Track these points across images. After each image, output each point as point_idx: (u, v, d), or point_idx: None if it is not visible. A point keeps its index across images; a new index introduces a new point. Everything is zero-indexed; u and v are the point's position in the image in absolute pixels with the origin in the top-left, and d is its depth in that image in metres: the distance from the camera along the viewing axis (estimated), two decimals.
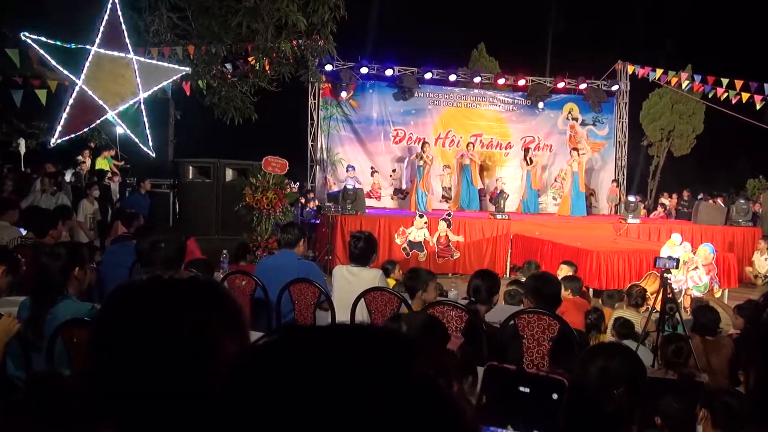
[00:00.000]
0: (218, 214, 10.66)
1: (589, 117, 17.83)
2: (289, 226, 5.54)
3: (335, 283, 5.08)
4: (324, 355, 0.63)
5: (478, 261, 12.35)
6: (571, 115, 17.74)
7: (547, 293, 3.98)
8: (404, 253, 12.24)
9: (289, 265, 5.11)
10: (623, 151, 18.11)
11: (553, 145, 17.58)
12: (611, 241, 12.01)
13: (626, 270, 10.07)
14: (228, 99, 12.63)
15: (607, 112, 17.90)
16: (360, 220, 12.20)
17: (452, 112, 17.02)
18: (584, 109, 17.72)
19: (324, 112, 16.03)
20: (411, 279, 4.67)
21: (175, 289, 1.04)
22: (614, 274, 9.98)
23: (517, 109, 17.42)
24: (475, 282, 4.29)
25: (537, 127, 17.50)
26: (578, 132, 17.76)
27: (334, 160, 16.13)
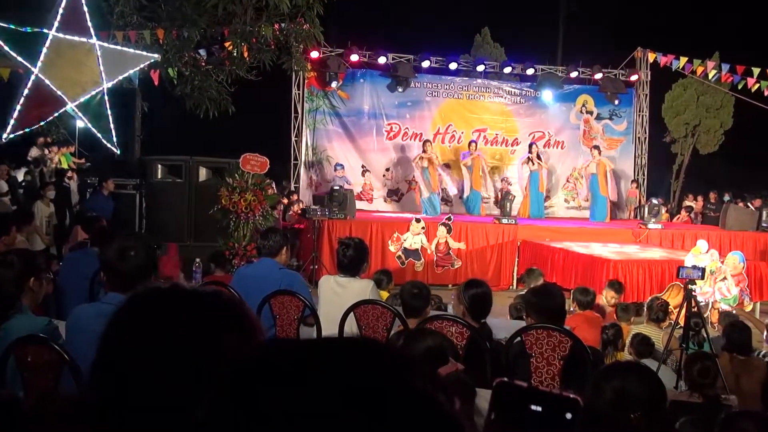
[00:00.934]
0: (190, 219, 10.64)
1: (606, 110, 17.92)
2: (270, 232, 5.54)
3: (321, 295, 5.09)
4: (315, 376, 0.65)
5: (481, 270, 12.38)
6: (585, 109, 17.83)
7: (549, 309, 4.01)
8: (399, 262, 12.26)
9: (270, 276, 5.11)
10: (643, 149, 18.20)
11: (564, 141, 17.66)
12: (630, 249, 12.05)
13: (646, 281, 10.12)
14: (202, 89, 12.62)
15: (625, 104, 17.99)
16: (349, 224, 12.22)
17: (453, 104, 17.08)
18: (600, 101, 17.80)
19: (309, 105, 16.06)
20: (415, 297, 4.66)
21: (207, 306, 1.09)
22: (633, 286, 10.02)
23: (525, 102, 17.49)
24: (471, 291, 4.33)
25: (547, 121, 17.57)
26: (593, 127, 17.84)
27: (320, 158, 16.15)
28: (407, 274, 12.05)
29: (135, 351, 1.03)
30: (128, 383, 1.02)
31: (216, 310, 1.09)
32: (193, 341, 1.04)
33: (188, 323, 1.06)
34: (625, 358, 5.64)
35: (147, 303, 1.10)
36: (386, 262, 12.03)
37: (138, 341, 1.04)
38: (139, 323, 1.07)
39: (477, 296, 4.29)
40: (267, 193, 10.46)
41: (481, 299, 4.29)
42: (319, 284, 5.20)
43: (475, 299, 4.28)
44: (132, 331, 1.06)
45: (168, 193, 10.81)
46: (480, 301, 4.28)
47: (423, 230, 12.44)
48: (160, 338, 1.04)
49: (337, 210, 12.34)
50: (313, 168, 16.17)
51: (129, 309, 1.11)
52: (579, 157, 17.66)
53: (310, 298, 5.03)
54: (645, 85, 18.08)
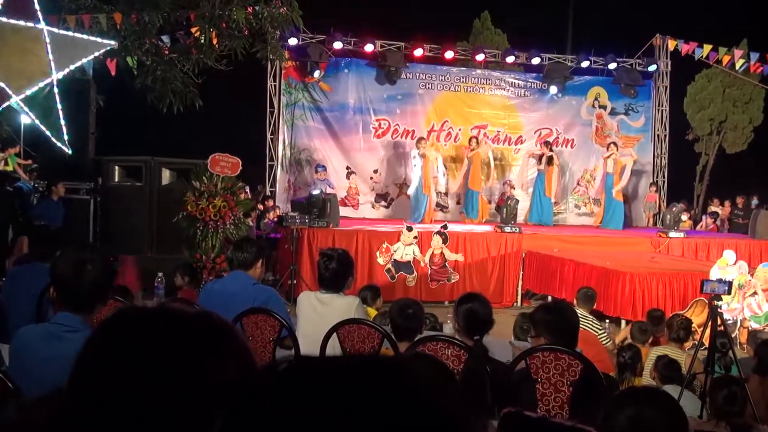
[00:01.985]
0: (152, 227, 10.61)
1: (621, 104, 18.06)
2: (243, 243, 5.54)
3: (301, 313, 5.09)
4: (327, 397, 0.69)
5: (482, 285, 12.41)
6: (597, 103, 17.96)
7: (567, 328, 4.03)
8: (388, 276, 12.29)
9: (243, 292, 5.11)
10: (663, 148, 18.34)
11: (575, 139, 17.79)
12: (648, 260, 12.13)
13: (667, 296, 10.18)
14: (165, 81, 12.59)
15: (642, 98, 18.14)
16: (332, 234, 12.24)
17: (449, 98, 17.16)
18: (614, 94, 17.94)
19: (287, 98, 16.09)
20: (407, 316, 4.68)
21: (198, 329, 1.11)
22: (652, 302, 10.07)
23: (530, 95, 17.60)
24: (465, 307, 4.35)
25: (555, 117, 17.69)
26: (607, 123, 17.98)
27: (299, 159, 16.17)
28: (398, 289, 12.08)
29: (119, 383, 1.06)
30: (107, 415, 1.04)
31: (210, 334, 1.12)
32: (186, 369, 1.06)
33: (182, 349, 1.08)
34: (644, 384, 5.67)
35: (133, 325, 1.12)
36: (374, 276, 12.05)
37: (124, 371, 1.07)
38: (126, 351, 1.09)
39: (472, 312, 4.31)
40: (239, 198, 10.44)
41: (477, 315, 4.31)
42: (297, 301, 5.20)
43: (471, 315, 4.30)
44: (117, 360, 1.08)
45: (126, 198, 10.79)
46: (475, 318, 4.30)
47: (416, 240, 12.48)
48: (146, 365, 1.06)
49: (318, 217, 12.34)
50: (291, 170, 16.20)
51: (114, 331, 1.12)
52: (591, 156, 17.78)
53: (288, 316, 5.03)
54: (665, 77, 18.23)
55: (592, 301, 8.01)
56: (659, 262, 12.12)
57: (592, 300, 8.06)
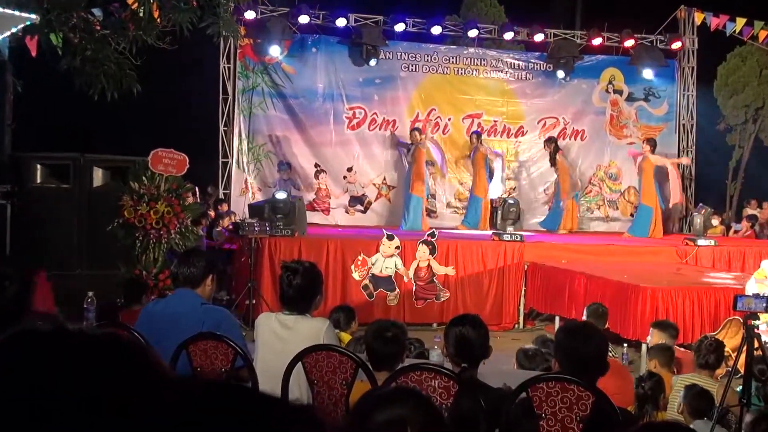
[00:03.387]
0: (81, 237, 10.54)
1: (640, 89, 18.16)
2: (191, 255, 5.52)
3: (260, 339, 5.07)
4: None
5: (477, 304, 12.43)
6: (612, 87, 18.06)
7: (589, 360, 4.03)
8: (365, 294, 12.27)
9: (189, 314, 5.09)
10: (689, 139, 18.44)
11: (585, 130, 17.86)
12: (673, 273, 12.19)
13: (695, 315, 10.22)
14: (96, 62, 12.52)
15: (665, 81, 18.25)
16: (298, 244, 12.22)
17: (436, 81, 17.19)
18: (632, 77, 18.05)
19: (243, 83, 16.05)
20: (387, 341, 4.67)
21: (94, 350, 1.14)
22: (677, 321, 10.09)
23: (533, 78, 17.67)
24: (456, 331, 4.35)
25: (562, 104, 17.77)
26: (623, 111, 18.07)
27: (258, 155, 16.12)
28: (377, 310, 12.06)
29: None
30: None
31: (112, 358, 1.14)
32: (82, 397, 1.09)
33: (78, 376, 1.11)
34: (667, 419, 5.68)
35: (25, 348, 1.15)
36: (348, 294, 12.03)
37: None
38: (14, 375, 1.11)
39: (463, 337, 4.31)
40: (186, 202, 10.41)
41: (469, 341, 4.30)
42: (256, 325, 5.17)
43: (462, 341, 4.30)
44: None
45: (50, 202, 10.71)
46: (467, 344, 4.30)
47: (398, 250, 12.48)
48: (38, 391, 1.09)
49: (281, 224, 12.32)
50: (248, 168, 16.14)
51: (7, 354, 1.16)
52: (605, 150, 17.88)
53: (244, 343, 5.01)
54: (691, 56, 18.35)
55: (603, 320, 8.06)
56: (686, 274, 12.17)
57: (603, 318, 8.10)
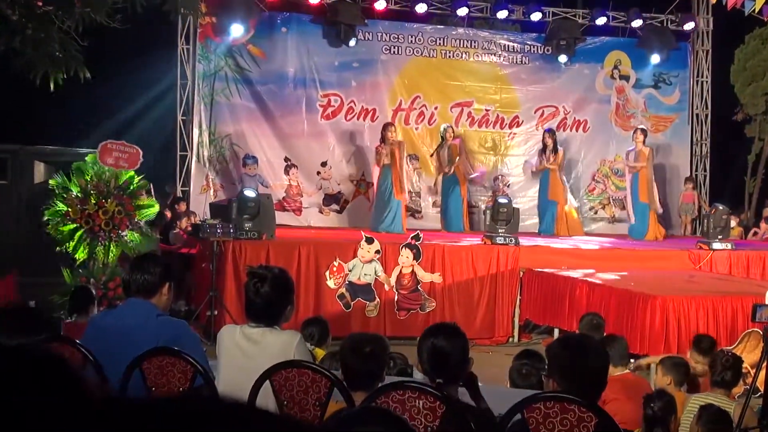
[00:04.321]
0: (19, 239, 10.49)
1: (648, 75, 18.25)
2: (145, 261, 5.49)
3: (223, 355, 5.05)
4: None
5: (466, 314, 12.45)
6: (618, 72, 18.13)
7: (586, 374, 4.04)
8: (341, 304, 12.25)
9: (143, 327, 5.07)
10: (704, 131, 18.53)
11: (588, 121, 17.92)
12: (685, 280, 12.24)
13: (709, 327, 10.24)
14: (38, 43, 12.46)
15: (677, 66, 18.33)
16: (266, 248, 12.19)
17: (421, 66, 17.21)
18: (640, 61, 18.12)
19: (204, 66, 15.99)
20: (365, 357, 4.66)
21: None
22: (690, 334, 10.13)
23: (530, 62, 17.71)
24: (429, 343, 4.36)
25: (562, 91, 17.83)
26: (630, 99, 18.13)
27: (221, 148, 16.08)
28: (354, 321, 12.06)
29: None
30: None
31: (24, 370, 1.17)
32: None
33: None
34: None
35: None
36: (322, 304, 12.04)
37: None
38: None
39: (435, 349, 4.32)
40: (139, 201, 10.38)
41: (444, 353, 4.31)
42: (218, 338, 5.16)
43: (435, 353, 4.31)
44: None
45: None
46: (442, 357, 4.30)
47: (378, 255, 12.47)
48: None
49: (247, 226, 12.28)
50: (210, 163, 16.09)
51: None
52: (610, 143, 17.95)
53: (205, 359, 5.00)
54: (705, 38, 18.44)
55: (599, 332, 8.10)
56: (699, 282, 12.23)
57: (599, 330, 8.15)
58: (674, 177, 18.24)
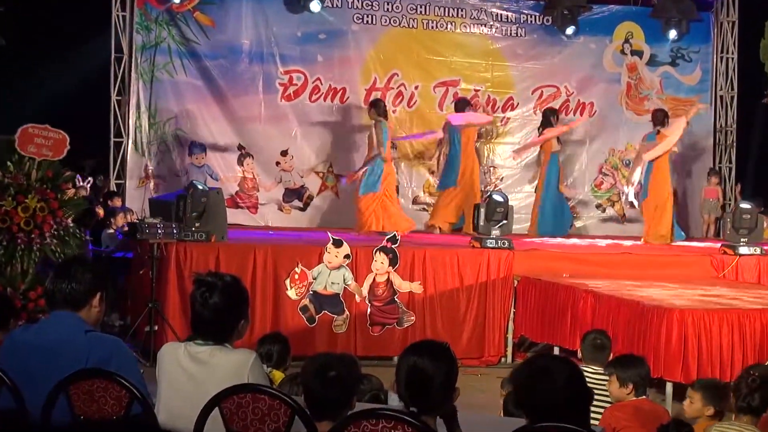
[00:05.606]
0: None
1: (665, 50, 18.30)
2: (72, 267, 5.48)
3: (164, 378, 5.05)
4: None
5: (450, 330, 12.45)
6: (629, 47, 18.17)
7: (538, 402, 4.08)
8: (304, 318, 12.24)
9: (70, 344, 5.06)
10: (729, 116, 18.61)
11: (595, 103, 17.96)
12: (707, 290, 12.26)
13: (735, 345, 10.28)
14: None
15: (697, 40, 18.39)
16: (216, 251, 12.17)
17: (399, 38, 17.22)
18: (654, 34, 18.17)
19: (143, 37, 15.92)
20: (331, 382, 4.66)
21: None
22: (712, 353, 10.17)
23: (527, 35, 17.73)
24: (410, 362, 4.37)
25: (564, 68, 17.88)
26: (644, 78, 18.18)
27: (163, 134, 16.03)
28: (319, 339, 12.08)
29: None
30: None
31: None
32: None
33: None
34: None
35: None
36: (281, 318, 12.03)
37: None
38: None
39: (416, 371, 4.33)
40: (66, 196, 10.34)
41: (426, 376, 4.32)
42: (159, 358, 5.16)
43: (415, 376, 4.32)
44: None
45: None
46: (423, 380, 4.32)
47: (347, 260, 12.45)
48: None
49: (194, 226, 12.26)
50: (150, 151, 16.04)
51: None
52: (620, 129, 18.01)
53: (142, 382, 5.00)
54: (731, 7, 18.49)
55: (603, 354, 8.10)
56: (722, 293, 12.17)
57: (603, 351, 8.14)
58: (695, 169, 18.28)
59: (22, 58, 13.74)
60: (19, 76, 16.68)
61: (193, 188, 12.74)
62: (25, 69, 16.20)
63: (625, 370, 7.07)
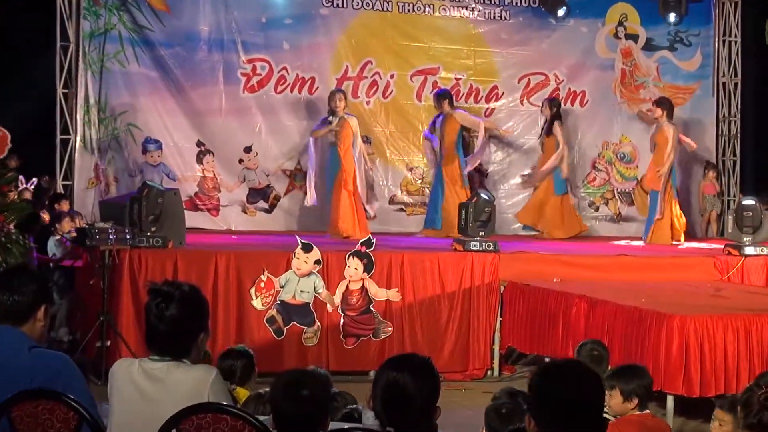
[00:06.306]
0: None
1: (662, 33, 18.38)
2: (15, 277, 5.46)
3: (116, 397, 5.03)
4: None
5: (430, 342, 12.49)
6: (624, 31, 18.24)
7: (573, 406, 4.06)
8: (271, 330, 12.24)
9: (12, 362, 5.03)
10: (732, 105, 18.69)
11: (587, 92, 18.02)
12: (710, 294, 12.34)
13: (740, 354, 10.32)
14: None
15: (698, 22, 18.47)
16: (173, 258, 12.16)
17: (373, 22, 17.27)
18: (650, 16, 18.25)
19: (92, 23, 15.88)
20: (302, 400, 4.64)
21: None
22: (717, 362, 10.22)
23: (512, 17, 17.77)
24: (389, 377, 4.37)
25: (553, 54, 17.95)
26: (640, 65, 18.26)
27: (114, 130, 16.00)
28: (288, 353, 12.11)
29: None
30: None
31: None
32: None
33: None
34: None
35: None
36: (246, 330, 12.04)
37: None
38: None
39: (396, 386, 4.32)
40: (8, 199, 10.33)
41: (405, 393, 4.32)
42: (111, 376, 5.13)
43: (393, 392, 4.31)
44: None
45: None
46: (401, 397, 4.31)
47: (318, 267, 12.45)
48: None
49: (149, 230, 12.23)
50: (100, 149, 16.00)
51: None
52: (614, 120, 18.10)
53: (93, 403, 4.99)
54: None
55: (601, 366, 8.11)
56: (728, 296, 12.28)
57: (601, 363, 8.15)
58: (695, 162, 18.33)
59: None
60: None
61: (148, 189, 12.71)
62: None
63: (629, 382, 7.05)
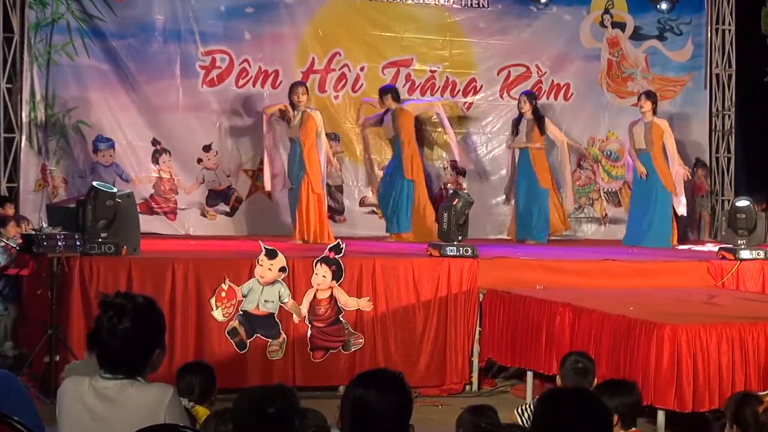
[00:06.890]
0: None
1: (651, 22, 18.48)
2: None
3: (65, 417, 5.04)
4: None
5: (406, 355, 12.50)
6: (610, 19, 18.32)
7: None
8: (233, 343, 12.21)
9: None
10: (726, 98, 18.78)
11: (571, 85, 18.08)
12: (703, 302, 12.38)
13: (735, 364, 10.35)
14: None
15: (689, 9, 18.58)
16: (127, 266, 12.10)
17: (341, 11, 17.30)
18: (638, 4, 18.35)
19: (38, 13, 15.84)
20: (270, 422, 4.64)
21: None
22: (710, 375, 10.25)
23: (490, 5, 17.80)
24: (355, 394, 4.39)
25: (535, 44, 18.02)
26: (627, 55, 18.35)
27: (63, 127, 15.96)
28: (251, 367, 12.08)
29: None
30: None
31: None
32: None
33: None
34: None
35: None
36: (206, 344, 12.00)
37: None
38: None
39: (362, 404, 4.34)
40: None
41: (372, 411, 4.34)
42: (59, 395, 5.14)
43: (360, 411, 4.32)
44: None
45: None
46: (368, 416, 4.33)
47: (283, 274, 12.44)
48: None
49: (100, 236, 12.20)
50: (48, 148, 15.96)
51: None
52: (600, 115, 18.19)
53: (41, 424, 4.99)
54: None
55: (587, 379, 8.14)
56: (722, 304, 12.34)
57: (586, 377, 8.17)
58: (687, 160, 18.35)
59: None
60: None
61: (97, 191, 12.65)
62: None
63: (611, 398, 7.06)
